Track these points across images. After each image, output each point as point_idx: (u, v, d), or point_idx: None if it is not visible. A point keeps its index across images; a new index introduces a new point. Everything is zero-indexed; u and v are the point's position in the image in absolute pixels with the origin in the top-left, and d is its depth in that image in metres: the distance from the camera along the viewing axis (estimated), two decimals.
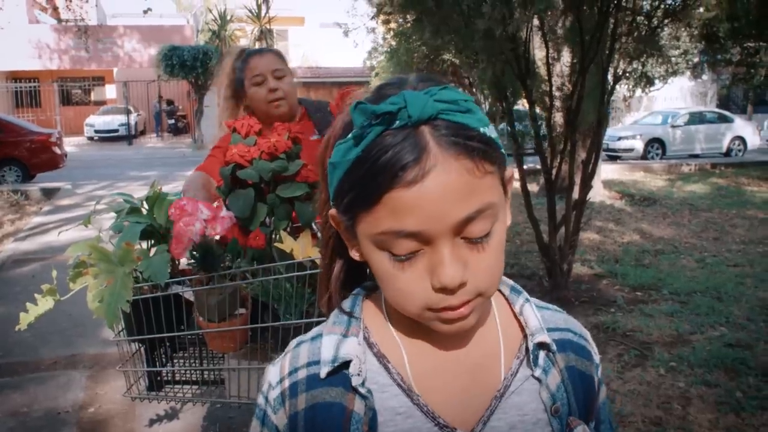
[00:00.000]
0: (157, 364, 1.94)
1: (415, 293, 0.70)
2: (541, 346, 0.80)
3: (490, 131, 0.70)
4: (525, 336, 0.81)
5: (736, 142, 18.60)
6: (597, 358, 0.88)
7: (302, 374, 0.79)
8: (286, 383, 0.79)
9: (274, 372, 0.82)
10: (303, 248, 1.71)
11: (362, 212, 0.69)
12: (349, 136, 0.69)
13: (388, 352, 0.78)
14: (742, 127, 18.90)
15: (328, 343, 0.79)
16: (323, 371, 0.77)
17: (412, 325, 0.78)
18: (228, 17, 22.69)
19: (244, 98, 2.39)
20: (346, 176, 0.70)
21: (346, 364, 0.76)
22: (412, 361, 0.77)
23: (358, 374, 0.75)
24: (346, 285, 0.85)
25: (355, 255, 0.77)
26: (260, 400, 0.83)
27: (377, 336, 0.80)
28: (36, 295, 1.70)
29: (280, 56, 2.42)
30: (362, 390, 0.74)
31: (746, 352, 4.15)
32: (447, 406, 0.76)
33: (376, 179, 0.66)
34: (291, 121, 2.38)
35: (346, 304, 0.83)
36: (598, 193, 10.12)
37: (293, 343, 0.85)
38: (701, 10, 5.80)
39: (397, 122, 0.66)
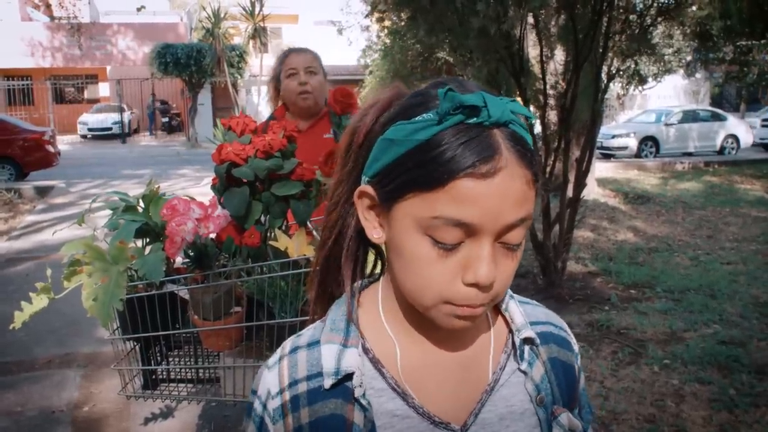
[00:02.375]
0: (152, 362, 1.94)
1: (441, 284, 0.71)
2: (526, 340, 0.83)
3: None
4: (510, 331, 0.85)
5: (730, 141, 18.66)
6: (576, 347, 0.91)
7: (303, 388, 0.79)
8: (287, 396, 0.80)
9: (273, 380, 0.81)
10: (298, 246, 1.71)
11: (419, 192, 0.70)
12: (423, 117, 0.71)
13: (382, 354, 0.80)
14: (735, 125, 18.96)
15: (328, 353, 0.79)
16: (327, 383, 0.77)
17: (406, 322, 0.80)
18: (222, 15, 22.62)
19: (280, 89, 2.71)
20: (409, 154, 0.71)
21: (348, 375, 0.77)
22: (404, 357, 0.79)
23: (360, 386, 0.77)
24: (354, 273, 0.86)
25: (374, 235, 0.78)
26: (257, 405, 0.83)
27: (371, 337, 0.81)
28: (30, 294, 1.69)
29: (316, 57, 2.74)
30: (363, 402, 0.76)
31: (739, 350, 4.17)
32: (440, 401, 0.79)
33: (447, 164, 0.67)
34: (315, 114, 2.68)
35: (346, 306, 0.83)
36: (592, 191, 10.15)
37: (287, 346, 0.84)
38: (694, 8, 5.83)
39: (475, 119, 0.69)
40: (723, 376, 3.81)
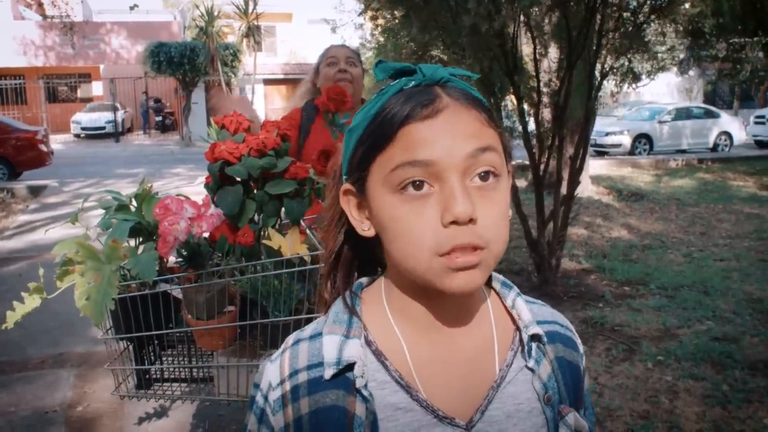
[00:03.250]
0: (146, 362, 1.93)
1: (425, 236, 0.71)
2: (534, 337, 0.83)
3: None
4: (517, 328, 0.85)
5: (723, 138, 18.72)
6: (581, 348, 0.92)
7: (303, 377, 0.80)
8: (287, 386, 0.80)
9: (274, 372, 0.82)
10: (291, 245, 1.71)
11: (378, 155, 0.74)
12: (371, 98, 0.77)
13: (386, 347, 0.80)
14: (728, 122, 19.02)
15: (329, 343, 0.80)
16: (328, 373, 0.78)
17: (412, 316, 0.80)
18: (215, 13, 22.54)
19: (317, 83, 2.76)
20: (364, 131, 0.77)
21: (350, 366, 0.77)
22: (411, 352, 0.79)
23: (362, 376, 0.77)
24: (349, 277, 0.88)
25: (364, 228, 0.80)
26: (258, 397, 0.84)
27: (375, 332, 0.81)
28: (23, 294, 1.68)
29: (357, 52, 2.81)
30: (365, 392, 0.76)
31: (732, 346, 4.18)
32: (445, 396, 0.78)
33: (393, 119, 0.73)
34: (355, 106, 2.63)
35: (347, 300, 0.84)
36: (586, 189, 10.17)
37: (290, 339, 0.85)
38: (687, 5, 5.84)
39: (412, 82, 0.75)
40: (716, 372, 3.82)
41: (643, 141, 18.36)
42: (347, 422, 0.76)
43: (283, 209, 1.79)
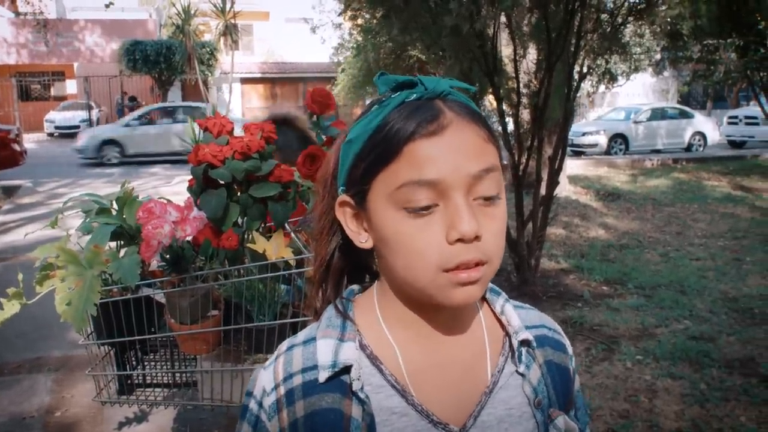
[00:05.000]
0: (128, 367, 1.91)
1: (429, 252, 0.72)
2: (523, 343, 0.84)
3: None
4: (506, 334, 0.86)
5: (697, 138, 18.98)
6: (570, 349, 0.93)
7: (298, 381, 0.80)
8: (282, 390, 0.80)
9: (268, 377, 0.82)
10: (276, 248, 1.70)
11: (381, 171, 0.74)
12: (372, 110, 0.77)
13: (380, 353, 0.80)
14: (702, 122, 19.30)
15: (324, 347, 0.80)
16: (322, 376, 0.78)
17: (405, 324, 0.81)
18: (192, 12, 22.36)
19: None
20: (365, 144, 0.76)
21: (345, 369, 0.78)
22: (405, 358, 0.80)
23: (358, 379, 0.77)
24: (339, 285, 0.88)
25: (362, 240, 0.80)
26: (252, 404, 0.83)
27: (369, 337, 0.81)
28: (2, 300, 1.65)
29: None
30: (361, 395, 0.76)
31: (709, 345, 4.24)
32: (439, 402, 0.79)
33: (397, 134, 0.73)
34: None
35: (339, 306, 0.84)
36: (563, 189, 10.24)
37: (284, 346, 0.85)
38: (664, 8, 5.91)
39: (414, 95, 0.75)
40: (694, 371, 3.87)
41: (619, 141, 18.55)
42: (344, 425, 0.76)
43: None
